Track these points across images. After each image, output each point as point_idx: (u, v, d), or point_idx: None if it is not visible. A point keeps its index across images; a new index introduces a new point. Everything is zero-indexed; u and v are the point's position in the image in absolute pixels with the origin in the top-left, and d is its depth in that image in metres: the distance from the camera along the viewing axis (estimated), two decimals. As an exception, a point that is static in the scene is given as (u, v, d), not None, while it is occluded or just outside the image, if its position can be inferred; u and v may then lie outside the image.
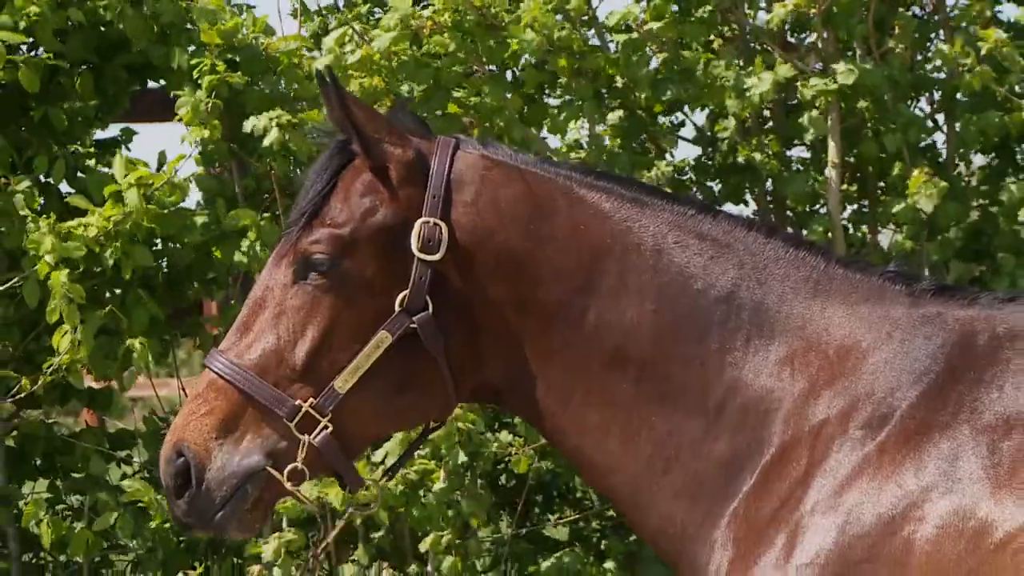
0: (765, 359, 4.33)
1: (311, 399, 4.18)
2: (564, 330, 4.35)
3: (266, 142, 7.84)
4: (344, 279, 4.29)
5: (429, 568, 8.23)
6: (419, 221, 4.23)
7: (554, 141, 8.69)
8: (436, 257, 4.21)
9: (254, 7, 9.07)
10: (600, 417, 4.35)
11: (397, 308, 4.20)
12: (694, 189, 9.11)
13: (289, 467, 4.16)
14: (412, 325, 4.20)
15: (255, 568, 8.10)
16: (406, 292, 4.20)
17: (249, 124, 7.86)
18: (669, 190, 7.61)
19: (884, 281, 4.33)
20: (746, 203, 9.15)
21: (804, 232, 8.72)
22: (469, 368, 4.40)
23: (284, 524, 7.91)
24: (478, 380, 4.48)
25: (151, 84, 8.97)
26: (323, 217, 4.33)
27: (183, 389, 8.99)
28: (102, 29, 8.55)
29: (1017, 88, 8.61)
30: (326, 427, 4.19)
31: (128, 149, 9.20)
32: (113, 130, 9.20)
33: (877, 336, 4.26)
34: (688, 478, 4.29)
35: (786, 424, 4.24)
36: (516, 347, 4.39)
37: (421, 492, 7.98)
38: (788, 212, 8.92)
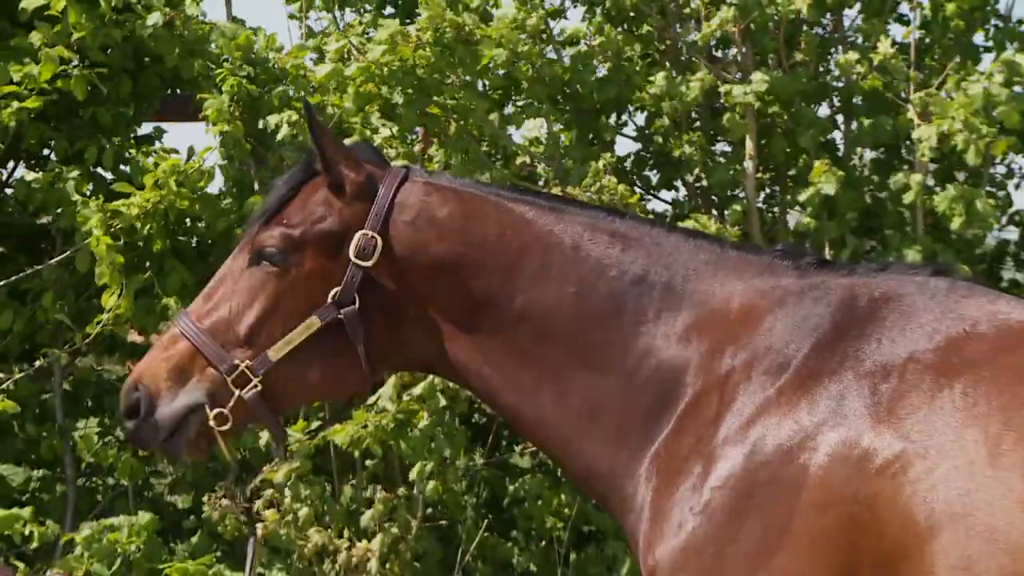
0: (674, 327, 4.56)
1: (248, 361, 4.48)
2: (496, 313, 4.63)
3: (279, 137, 8.31)
4: (288, 270, 4.59)
5: (415, 491, 8.49)
6: (359, 232, 4.53)
7: (516, 137, 9.11)
8: (368, 264, 4.52)
9: (264, 28, 9.52)
10: (533, 380, 4.59)
11: (329, 300, 4.51)
12: (634, 178, 9.42)
13: (216, 411, 4.48)
14: (339, 316, 4.51)
15: (269, 491, 8.32)
16: (338, 289, 4.51)
17: (264, 122, 8.38)
18: (613, 177, 7.87)
19: (773, 258, 4.60)
20: (677, 189, 9.57)
21: (725, 213, 9.23)
22: (390, 353, 4.74)
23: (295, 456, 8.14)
24: (403, 360, 4.93)
25: (178, 91, 9.58)
26: (281, 218, 4.63)
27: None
28: (138, 45, 9.01)
29: (902, 94, 8.75)
30: (256, 386, 4.50)
31: (160, 143, 9.76)
32: (147, 128, 9.72)
33: (771, 302, 4.50)
34: (613, 427, 4.54)
35: (696, 376, 4.48)
36: (451, 331, 4.67)
37: (408, 429, 8.35)
38: (713, 197, 9.32)
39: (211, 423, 4.44)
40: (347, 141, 7.34)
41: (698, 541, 4.24)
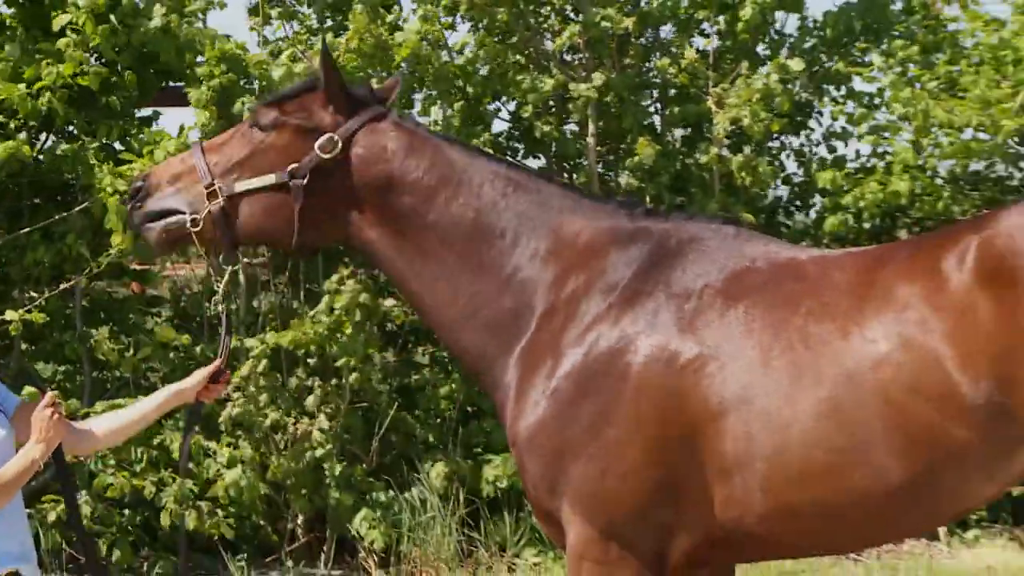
0: (539, 251, 4.94)
1: (220, 184, 4.89)
2: (413, 221, 4.99)
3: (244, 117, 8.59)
4: (269, 139, 4.97)
5: (344, 381, 9.29)
6: (328, 134, 4.93)
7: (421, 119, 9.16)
8: (325, 156, 4.91)
9: (233, 36, 9.81)
10: (433, 274, 4.97)
11: (287, 169, 4.94)
12: (507, 150, 9.94)
13: (192, 216, 4.90)
14: (289, 182, 4.92)
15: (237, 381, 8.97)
16: (297, 165, 4.91)
17: (234, 107, 9.08)
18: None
19: (614, 207, 5.07)
20: (538, 158, 10.11)
21: (574, 176, 10.09)
22: (320, 227, 5.12)
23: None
24: (330, 233, 5.24)
25: (170, 83, 10.14)
26: (281, 105, 5.01)
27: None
28: (141, 46, 9.49)
29: (704, 88, 9.64)
30: (220, 203, 4.90)
31: (156, 124, 10.25)
32: (146, 111, 10.28)
33: (608, 239, 4.91)
34: (490, 320, 4.95)
35: (550, 291, 4.88)
36: (377, 225, 5.03)
37: (338, 335, 9.14)
38: (564, 164, 10.09)
39: (187, 227, 4.90)
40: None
41: (548, 417, 4.70)
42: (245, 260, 9.36)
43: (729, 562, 5.07)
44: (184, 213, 4.91)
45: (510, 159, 8.30)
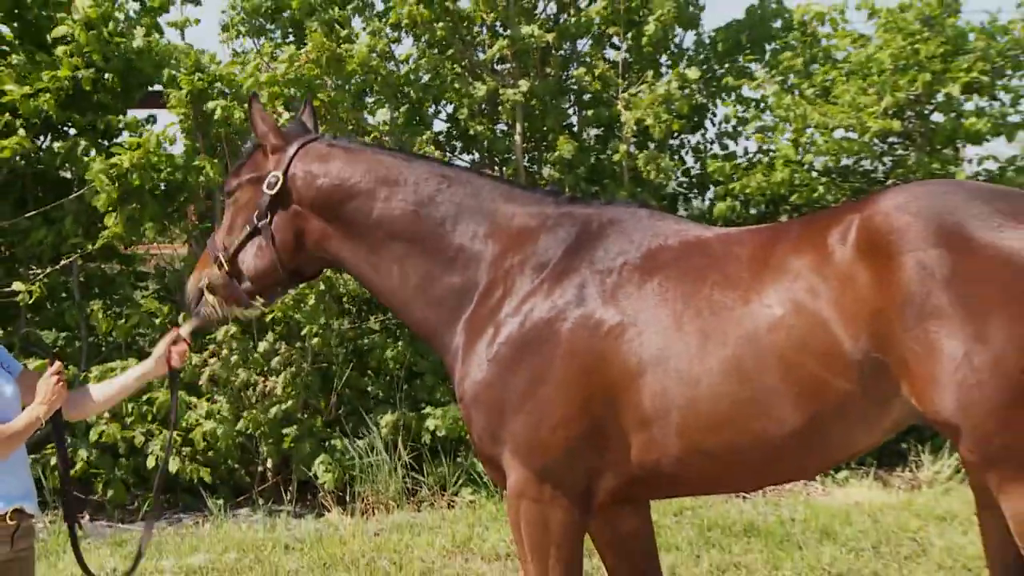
0: (477, 234, 5.00)
1: (221, 255, 5.11)
2: (360, 220, 5.08)
3: (215, 117, 9.33)
4: (238, 202, 5.19)
5: (306, 345, 9.57)
6: (271, 173, 5.09)
7: (371, 120, 9.89)
8: (272, 192, 5.05)
9: (206, 49, 10.07)
10: (387, 265, 5.06)
11: (252, 217, 5.10)
12: (445, 147, 10.16)
13: (210, 286, 5.12)
14: (258, 225, 5.09)
15: (212, 346, 9.18)
16: (256, 211, 5.05)
17: (206, 108, 9.35)
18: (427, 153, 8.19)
19: (542, 195, 5.10)
20: (472, 154, 10.35)
21: (503, 169, 10.24)
22: (292, 250, 5.17)
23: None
24: (307, 259, 5.26)
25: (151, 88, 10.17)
26: (239, 172, 5.21)
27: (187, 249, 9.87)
28: (127, 56, 9.70)
29: (614, 93, 10.03)
30: (224, 268, 5.11)
31: (148, 125, 10.22)
32: (142, 113, 10.35)
33: (538, 222, 4.97)
34: (439, 296, 5.00)
35: (489, 269, 4.94)
36: (335, 238, 5.12)
37: (302, 305, 9.47)
38: (495, 158, 10.22)
39: (209, 298, 5.14)
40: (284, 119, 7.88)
41: (491, 378, 4.77)
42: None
43: (646, 499, 5.16)
44: (205, 289, 5.18)
45: (441, 158, 8.20)
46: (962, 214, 4.33)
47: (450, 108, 10.47)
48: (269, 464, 9.61)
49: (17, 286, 8.94)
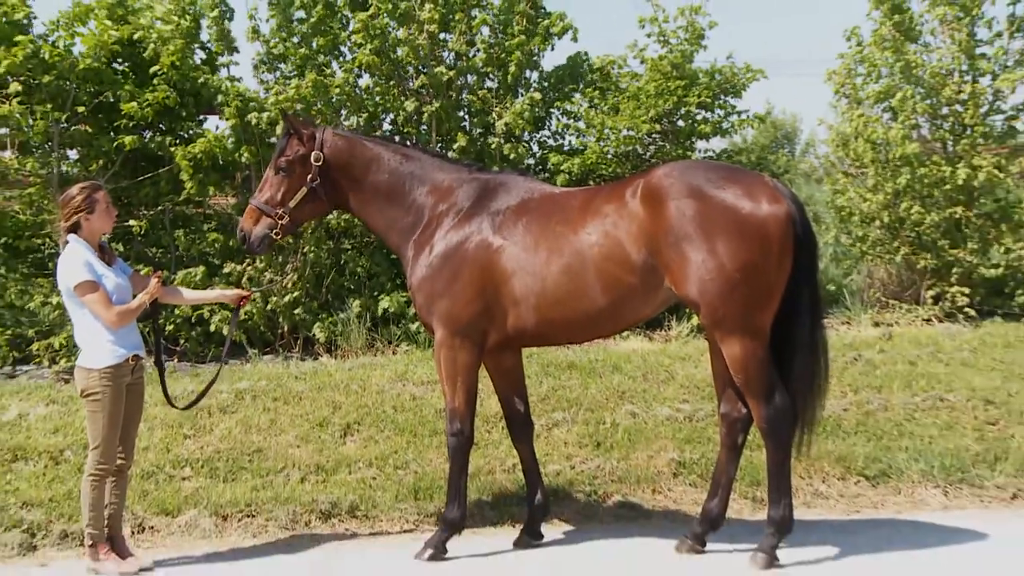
0: (424, 191, 5.29)
1: (282, 211, 5.24)
2: (361, 183, 5.32)
3: (250, 122, 9.78)
4: (290, 172, 5.32)
5: (307, 257, 9.83)
6: (315, 152, 5.26)
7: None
8: (319, 164, 5.26)
9: (242, 79, 10.30)
10: (376, 209, 5.32)
11: (308, 179, 5.28)
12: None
13: (275, 232, 5.32)
14: (313, 185, 5.29)
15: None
16: (312, 175, 5.25)
17: (249, 118, 9.79)
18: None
19: (461, 166, 5.41)
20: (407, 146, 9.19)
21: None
22: (333, 199, 5.35)
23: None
24: (340, 204, 5.46)
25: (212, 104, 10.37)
26: (282, 154, 5.35)
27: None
28: (196, 87, 10.18)
29: (492, 108, 10.47)
30: (286, 218, 5.30)
31: (206, 125, 10.70)
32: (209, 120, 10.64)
33: (457, 184, 5.27)
34: (401, 229, 5.31)
35: (428, 212, 5.24)
36: (351, 192, 5.35)
37: (303, 234, 9.73)
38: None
39: (277, 234, 5.29)
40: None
41: (427, 277, 5.13)
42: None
43: (518, 347, 5.48)
44: (271, 232, 5.44)
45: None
46: (700, 179, 4.76)
47: (391, 116, 10.85)
48: (285, 329, 10.29)
49: (132, 222, 9.90)
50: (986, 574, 5.14)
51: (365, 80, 10.60)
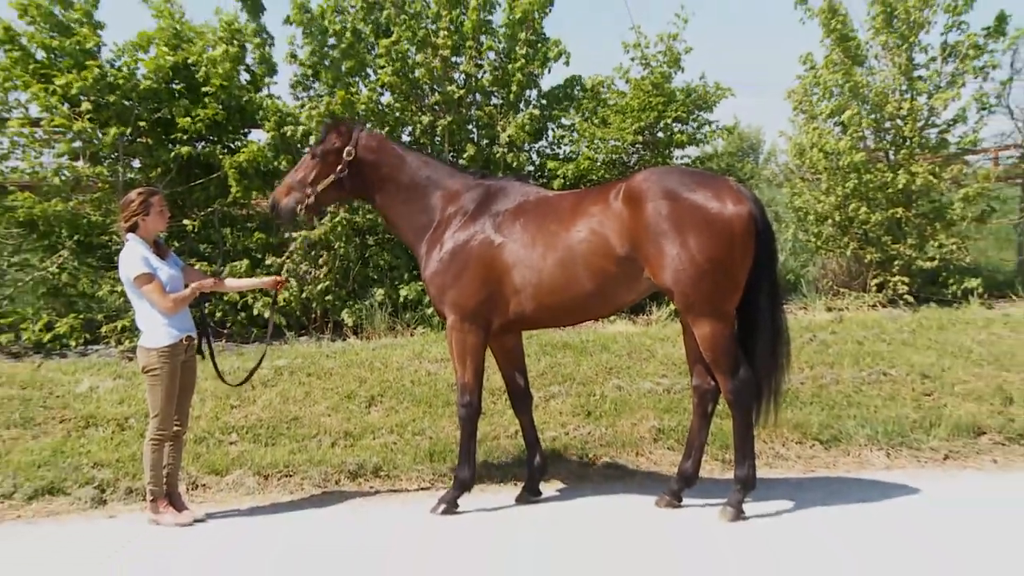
0: (437, 195, 5.17)
1: (310, 191, 5.08)
2: (387, 183, 5.17)
3: (288, 135, 9.73)
4: (324, 160, 5.19)
5: (337, 252, 9.77)
6: (347, 147, 5.15)
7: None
8: (350, 158, 5.13)
9: (281, 97, 10.20)
10: (398, 207, 5.22)
11: (338, 170, 5.17)
12: None
13: (300, 207, 5.17)
14: (341, 175, 5.15)
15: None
16: (341, 166, 5.12)
17: (285, 129, 9.74)
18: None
19: (468, 174, 5.26)
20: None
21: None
22: (356, 190, 5.25)
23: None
24: (361, 195, 5.34)
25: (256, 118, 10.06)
26: (325, 142, 5.22)
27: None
28: (242, 104, 10.06)
29: (497, 122, 10.19)
30: (312, 199, 5.15)
31: (249, 137, 10.46)
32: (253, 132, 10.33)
33: (464, 189, 5.15)
34: (417, 227, 5.21)
35: (440, 213, 5.13)
36: (376, 187, 5.20)
37: (336, 230, 9.69)
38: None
39: (301, 209, 5.17)
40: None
41: (439, 271, 5.07)
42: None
43: (518, 330, 5.38)
44: (299, 206, 5.29)
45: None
46: (674, 183, 4.72)
47: (409, 129, 10.66)
48: (318, 314, 10.22)
49: (186, 222, 9.82)
50: (921, 522, 5.19)
51: (387, 97, 10.54)
